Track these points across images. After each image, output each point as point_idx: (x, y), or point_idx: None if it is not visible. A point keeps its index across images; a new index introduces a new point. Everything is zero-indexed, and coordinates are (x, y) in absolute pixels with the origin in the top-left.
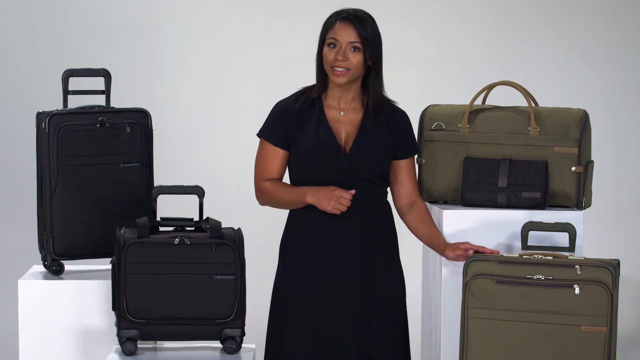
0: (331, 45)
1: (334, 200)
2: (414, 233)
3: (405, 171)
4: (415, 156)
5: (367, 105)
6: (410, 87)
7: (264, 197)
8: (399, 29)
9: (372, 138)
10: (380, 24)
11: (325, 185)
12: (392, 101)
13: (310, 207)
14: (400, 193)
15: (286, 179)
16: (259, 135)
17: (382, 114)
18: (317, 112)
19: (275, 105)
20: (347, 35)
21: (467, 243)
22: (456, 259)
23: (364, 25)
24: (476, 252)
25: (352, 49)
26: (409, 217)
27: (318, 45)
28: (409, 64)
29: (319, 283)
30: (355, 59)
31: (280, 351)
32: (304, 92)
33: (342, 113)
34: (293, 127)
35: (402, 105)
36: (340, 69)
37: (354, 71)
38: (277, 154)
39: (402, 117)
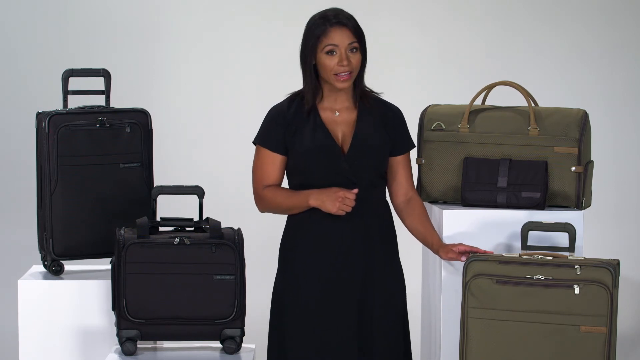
0: (330, 53)
1: (338, 201)
2: (410, 231)
3: (401, 167)
4: (416, 156)
5: (359, 103)
6: (410, 87)
7: (264, 204)
8: (399, 29)
9: (369, 137)
10: (381, 24)
11: (326, 187)
12: (377, 93)
13: (310, 209)
14: (397, 190)
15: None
16: (255, 142)
17: (367, 104)
18: (313, 114)
19: (269, 111)
20: (344, 38)
21: (461, 245)
22: (449, 259)
23: (354, 24)
24: (470, 252)
25: (351, 50)
26: (406, 215)
27: (306, 51)
28: (409, 64)
29: (320, 284)
30: (355, 59)
31: (283, 352)
32: (296, 97)
33: (336, 114)
34: (289, 131)
35: (401, 105)
36: (345, 74)
37: (355, 72)
38: (276, 160)
39: (397, 113)
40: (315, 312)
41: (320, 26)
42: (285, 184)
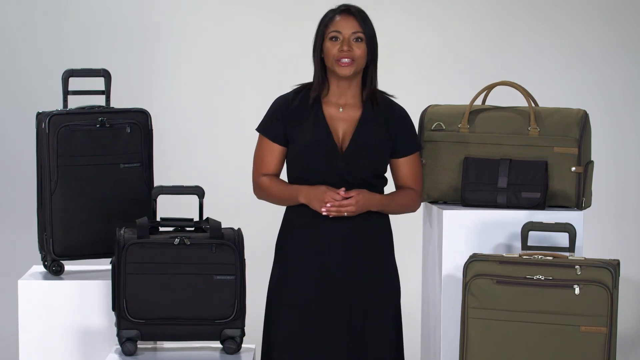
0: (333, 39)
1: (325, 201)
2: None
3: (406, 169)
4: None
5: (365, 102)
6: (410, 87)
7: (260, 192)
8: (400, 29)
9: (370, 137)
10: (381, 24)
11: (321, 182)
12: (389, 95)
13: (304, 207)
14: (398, 187)
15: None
16: (257, 130)
17: (376, 106)
18: (316, 109)
19: (274, 101)
20: (349, 26)
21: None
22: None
23: (363, 17)
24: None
25: (355, 40)
26: None
27: (315, 42)
28: (409, 64)
29: (312, 281)
30: (359, 49)
31: (273, 349)
32: (304, 89)
33: (341, 110)
34: (291, 123)
35: (402, 105)
36: (346, 60)
37: (359, 61)
38: (275, 150)
39: (402, 115)
40: (307, 309)
41: (329, 14)
42: (284, 176)
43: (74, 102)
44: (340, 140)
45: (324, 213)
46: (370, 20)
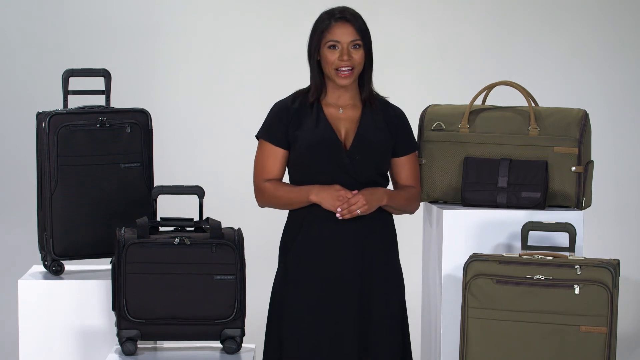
0: (332, 47)
1: (338, 200)
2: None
3: (406, 168)
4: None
5: (364, 102)
6: (410, 87)
7: (264, 197)
8: (399, 29)
9: (372, 134)
10: (381, 24)
11: (326, 182)
12: (383, 97)
13: (311, 206)
14: (399, 186)
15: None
16: (257, 136)
17: (374, 106)
18: (316, 110)
19: (273, 106)
20: (347, 34)
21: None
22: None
23: (358, 21)
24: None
25: (353, 47)
26: None
27: (311, 47)
28: (409, 64)
29: (318, 283)
30: (358, 55)
31: (280, 351)
32: (300, 94)
33: (341, 110)
34: (292, 126)
35: (401, 105)
36: (345, 70)
37: (358, 68)
38: (277, 154)
39: (400, 114)
40: (313, 310)
41: (325, 21)
42: (286, 178)
43: (74, 102)
44: (343, 138)
45: (338, 217)
46: (363, 19)
